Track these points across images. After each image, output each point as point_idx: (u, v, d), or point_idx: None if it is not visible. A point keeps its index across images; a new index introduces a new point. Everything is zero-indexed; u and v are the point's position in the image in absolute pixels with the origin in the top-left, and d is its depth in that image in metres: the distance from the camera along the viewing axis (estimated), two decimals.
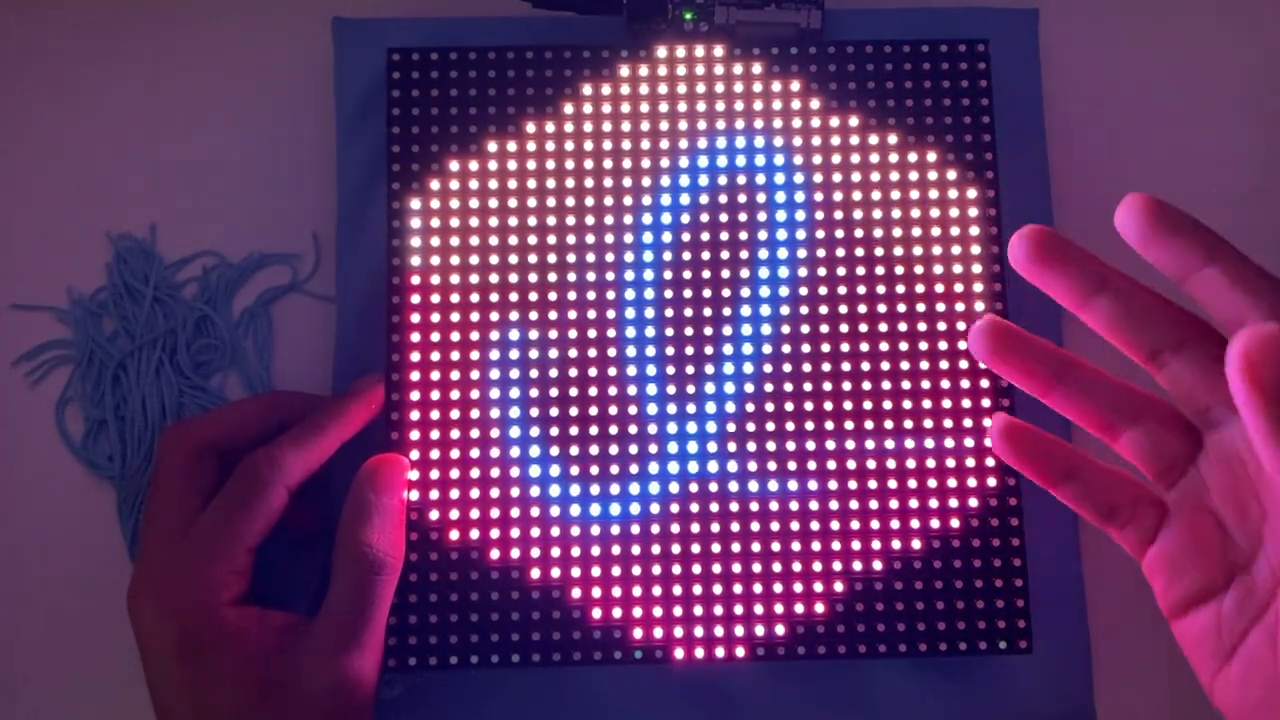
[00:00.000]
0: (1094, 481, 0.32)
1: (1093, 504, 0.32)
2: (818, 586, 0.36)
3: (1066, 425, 0.39)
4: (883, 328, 0.37)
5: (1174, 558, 0.30)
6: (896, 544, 0.36)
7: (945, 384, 0.37)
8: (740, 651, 0.35)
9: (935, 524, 0.36)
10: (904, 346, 0.37)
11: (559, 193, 0.38)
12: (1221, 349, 0.27)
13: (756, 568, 0.36)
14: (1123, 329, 0.30)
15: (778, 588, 0.36)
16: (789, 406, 0.37)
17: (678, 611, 0.35)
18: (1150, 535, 0.31)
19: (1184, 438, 0.30)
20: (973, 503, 0.36)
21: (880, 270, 0.37)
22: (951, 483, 0.36)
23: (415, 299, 0.37)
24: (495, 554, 0.36)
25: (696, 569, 0.36)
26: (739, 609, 0.35)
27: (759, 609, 0.35)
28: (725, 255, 0.37)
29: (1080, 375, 0.31)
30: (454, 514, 0.36)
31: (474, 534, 0.36)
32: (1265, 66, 0.43)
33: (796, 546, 0.36)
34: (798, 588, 0.36)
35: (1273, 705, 0.28)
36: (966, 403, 0.36)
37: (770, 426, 0.36)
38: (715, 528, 0.36)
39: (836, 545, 0.36)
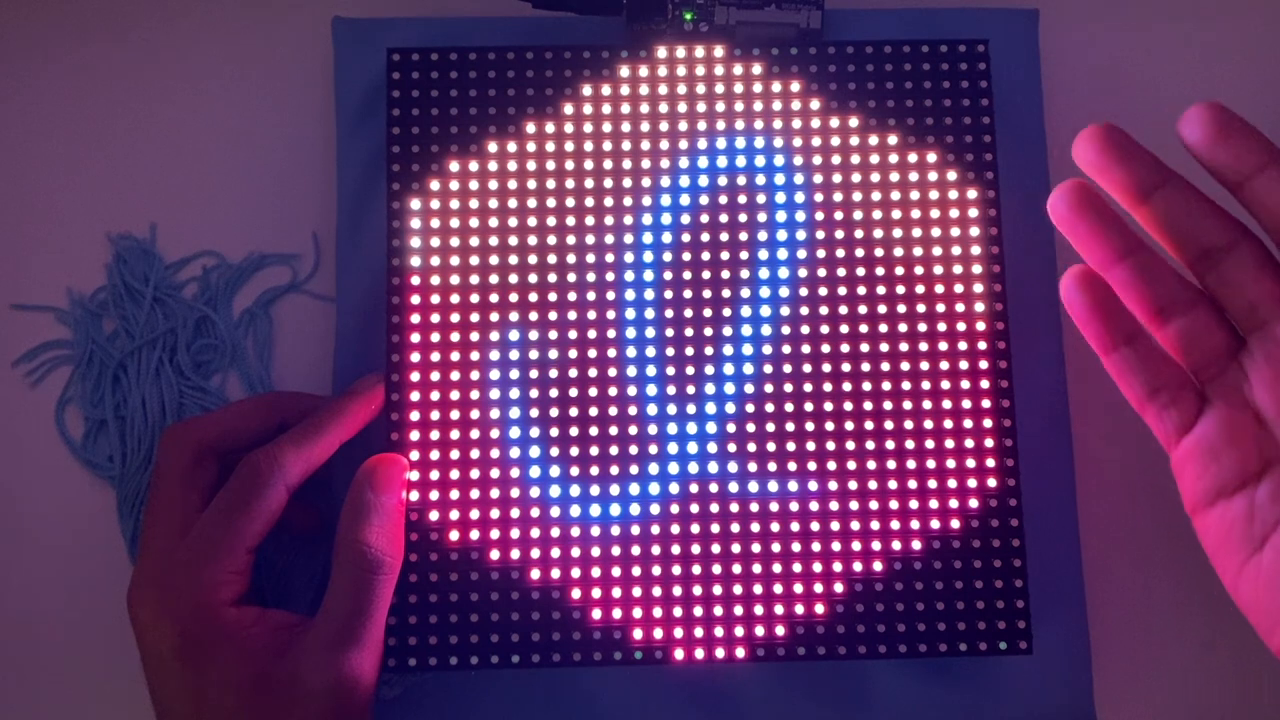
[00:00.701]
0: (1148, 354, 0.32)
1: (1141, 378, 0.32)
2: (818, 587, 0.36)
3: (1063, 404, 0.40)
4: (883, 328, 0.37)
5: (1212, 445, 0.31)
6: (896, 544, 0.36)
7: (945, 384, 0.37)
8: (740, 652, 0.35)
9: (935, 524, 0.36)
10: (904, 347, 0.37)
11: (559, 193, 0.38)
12: (1268, 255, 0.31)
13: (756, 568, 0.36)
14: (1181, 224, 0.31)
15: (778, 588, 0.36)
16: (789, 406, 0.37)
17: (678, 612, 0.35)
18: (1189, 423, 0.32)
19: (1228, 335, 0.32)
20: (973, 503, 0.36)
21: (880, 270, 0.37)
22: (951, 483, 0.36)
23: (415, 299, 0.37)
24: (495, 554, 0.36)
25: (696, 569, 0.36)
26: (739, 609, 0.35)
27: (759, 609, 0.35)
28: (725, 255, 0.37)
29: (1146, 257, 0.32)
30: (454, 514, 0.36)
31: (474, 534, 0.36)
32: (1267, 66, 0.43)
33: (796, 546, 0.36)
34: (798, 588, 0.36)
35: None
36: (966, 403, 0.36)
37: (770, 426, 0.36)
38: (715, 528, 0.36)
39: (836, 545, 0.36)
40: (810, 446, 0.36)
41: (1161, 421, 0.33)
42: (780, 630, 0.35)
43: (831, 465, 0.36)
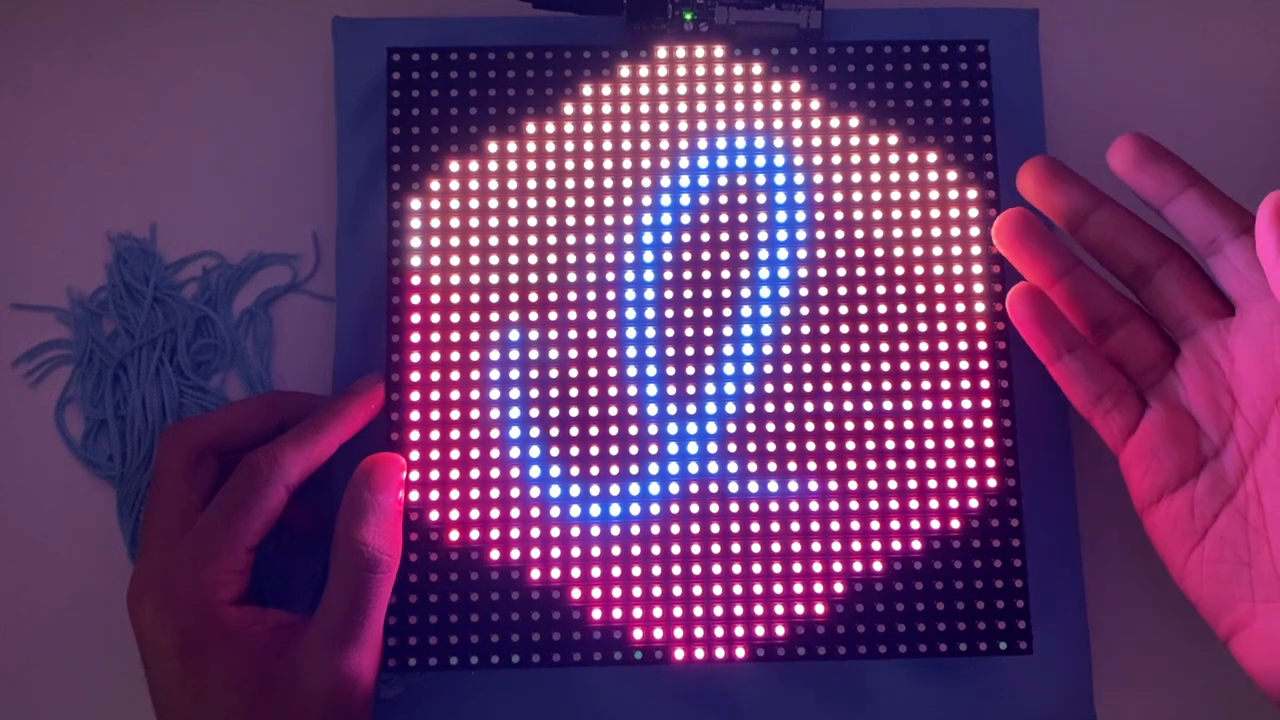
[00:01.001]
0: (1090, 362, 0.35)
1: (1085, 385, 0.35)
2: (818, 587, 0.36)
3: (1063, 404, 0.40)
4: (883, 328, 0.37)
5: (1153, 445, 0.34)
6: (896, 544, 0.36)
7: (945, 384, 0.37)
8: (740, 652, 0.35)
9: (935, 524, 0.36)
10: (904, 347, 0.37)
11: (559, 193, 0.38)
12: (1196, 268, 0.34)
13: (756, 568, 0.36)
14: (1115, 244, 0.35)
15: (778, 588, 0.36)
16: (789, 406, 0.37)
17: (678, 612, 0.35)
18: (1131, 425, 0.35)
19: (1163, 343, 0.35)
20: (973, 503, 0.36)
21: (880, 270, 0.37)
22: (951, 483, 0.36)
23: (415, 299, 0.37)
24: (495, 554, 0.36)
25: (696, 569, 0.36)
26: (739, 609, 0.35)
27: (759, 609, 0.35)
28: (725, 255, 0.37)
29: (1083, 275, 0.36)
30: (454, 514, 0.36)
31: (474, 534, 0.36)
32: (1269, 65, 0.43)
33: (796, 546, 0.36)
34: (798, 588, 0.36)
35: (1241, 579, 0.32)
36: (966, 403, 0.36)
37: (770, 426, 0.36)
38: (715, 528, 0.36)
39: (836, 545, 0.36)
40: (810, 446, 0.36)
41: (1106, 425, 0.35)
42: (780, 630, 0.35)
43: (831, 465, 0.36)
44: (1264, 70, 0.43)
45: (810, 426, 0.36)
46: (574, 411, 0.37)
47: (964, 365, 0.37)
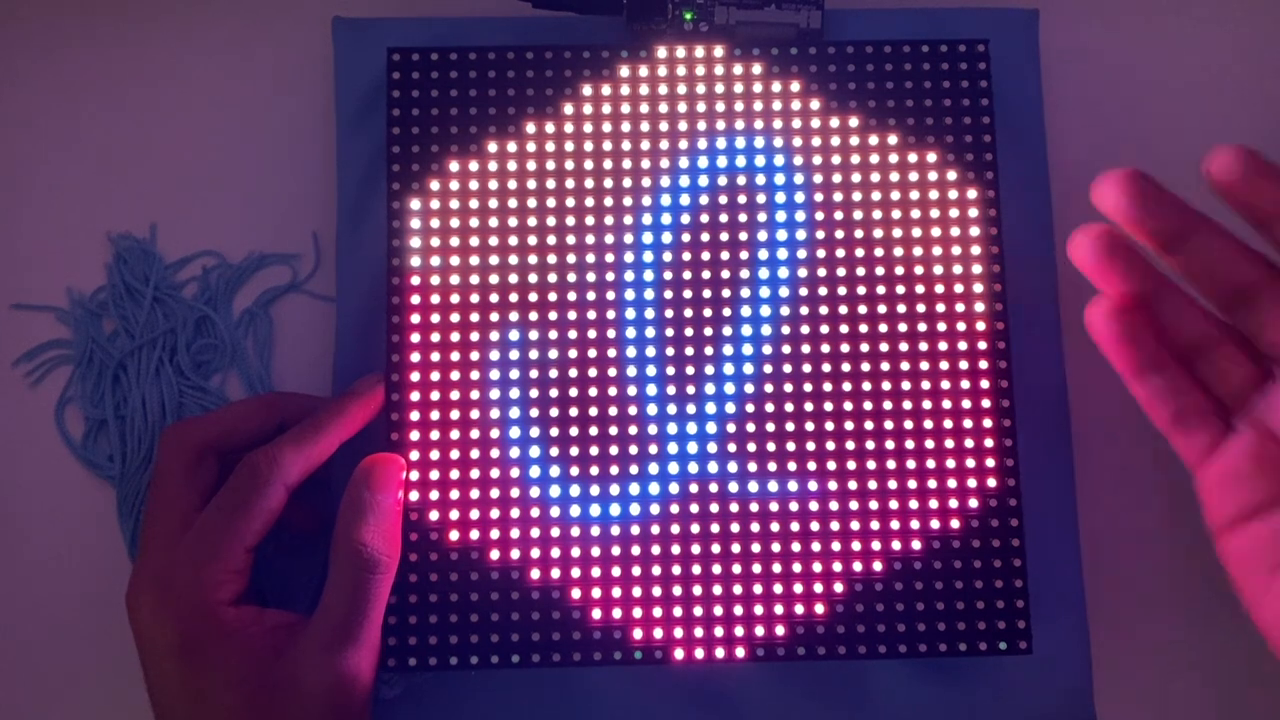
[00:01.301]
0: (1177, 381, 0.33)
1: (1169, 404, 0.33)
2: (818, 587, 0.36)
3: (1063, 404, 0.40)
4: (883, 328, 0.37)
5: (1238, 471, 0.32)
6: (896, 544, 0.36)
7: (945, 384, 0.37)
8: (740, 652, 0.35)
9: (935, 524, 0.36)
10: (904, 347, 0.37)
11: (559, 193, 0.38)
12: None
13: (756, 568, 0.36)
14: (1214, 269, 0.32)
15: (778, 588, 0.36)
16: (789, 407, 0.37)
17: (678, 612, 0.35)
18: (1213, 446, 0.33)
19: (1255, 367, 0.33)
20: (973, 503, 0.36)
21: (880, 270, 0.37)
22: (951, 483, 0.36)
23: (415, 299, 0.37)
24: (495, 554, 0.36)
25: (696, 569, 0.36)
26: (739, 609, 0.35)
27: (759, 609, 0.35)
28: (725, 255, 0.37)
29: (1173, 296, 0.33)
30: (454, 514, 0.36)
31: (474, 534, 0.36)
32: (1268, 66, 0.43)
33: (796, 546, 0.36)
34: (798, 588, 0.36)
35: None
36: (966, 403, 0.36)
37: (770, 426, 0.36)
38: (715, 528, 0.36)
39: (836, 545, 0.36)
40: (810, 446, 0.36)
41: (1187, 443, 0.33)
42: (780, 630, 0.35)
43: (831, 465, 0.36)
44: (1265, 70, 0.43)
45: (810, 426, 0.36)
46: (574, 411, 0.37)
47: (964, 365, 0.37)
